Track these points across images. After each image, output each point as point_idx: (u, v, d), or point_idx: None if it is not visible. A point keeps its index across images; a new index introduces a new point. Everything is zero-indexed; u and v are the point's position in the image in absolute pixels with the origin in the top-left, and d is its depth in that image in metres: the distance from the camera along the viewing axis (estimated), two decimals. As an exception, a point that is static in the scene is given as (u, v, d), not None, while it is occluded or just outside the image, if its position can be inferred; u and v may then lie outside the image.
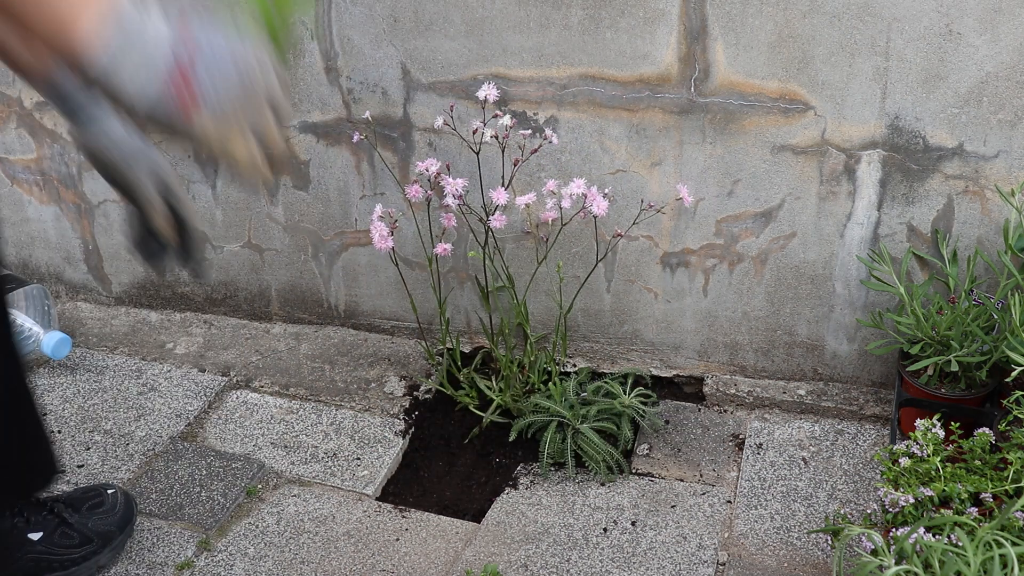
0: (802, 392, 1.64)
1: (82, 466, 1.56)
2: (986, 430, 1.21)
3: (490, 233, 1.56)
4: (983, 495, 1.12)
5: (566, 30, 1.51)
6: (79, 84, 0.77)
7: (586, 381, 1.63)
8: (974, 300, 1.44)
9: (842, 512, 1.31)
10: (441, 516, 1.44)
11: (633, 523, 1.40)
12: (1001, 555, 0.91)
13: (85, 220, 1.97)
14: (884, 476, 1.20)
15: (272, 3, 0.81)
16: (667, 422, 1.62)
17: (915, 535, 1.01)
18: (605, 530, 1.38)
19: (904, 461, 1.19)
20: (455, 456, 1.58)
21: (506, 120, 1.47)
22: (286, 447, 1.59)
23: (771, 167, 1.52)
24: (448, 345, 1.73)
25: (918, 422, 1.23)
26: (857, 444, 1.54)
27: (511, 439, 1.56)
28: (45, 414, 1.68)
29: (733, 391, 1.66)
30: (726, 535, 1.38)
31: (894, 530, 1.10)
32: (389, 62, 1.62)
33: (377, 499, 1.49)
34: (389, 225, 1.49)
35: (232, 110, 0.77)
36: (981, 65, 1.38)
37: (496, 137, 1.48)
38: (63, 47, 0.71)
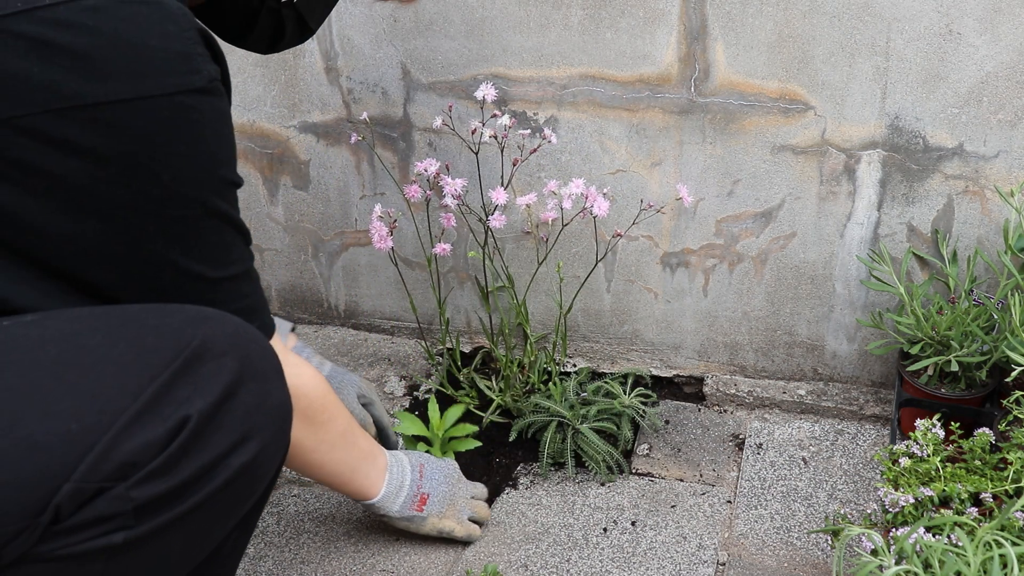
0: (802, 392, 1.64)
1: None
2: (986, 430, 1.21)
3: (490, 233, 1.56)
4: (983, 495, 1.12)
5: (566, 30, 1.51)
6: None
7: (586, 381, 1.63)
8: (974, 300, 1.44)
9: (842, 512, 1.31)
10: (441, 516, 1.44)
11: (633, 523, 1.40)
12: (1001, 555, 0.91)
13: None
14: (884, 476, 1.20)
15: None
16: (667, 422, 1.62)
17: (915, 535, 1.01)
18: (605, 530, 1.39)
19: (904, 461, 1.19)
20: (455, 456, 1.58)
21: (505, 120, 1.47)
22: (286, 447, 1.59)
23: (771, 167, 1.52)
24: (448, 345, 1.73)
25: (918, 422, 1.23)
26: (857, 444, 1.54)
27: (511, 439, 1.56)
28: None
29: (733, 391, 1.66)
30: (726, 535, 1.38)
31: (894, 530, 1.10)
32: (389, 62, 1.62)
33: (377, 499, 1.49)
34: (388, 225, 1.49)
35: (446, 507, 1.33)
36: (981, 65, 1.38)
37: (495, 137, 1.48)
38: (357, 499, 1.26)
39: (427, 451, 1.49)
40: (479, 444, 1.50)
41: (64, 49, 0.79)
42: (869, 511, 1.22)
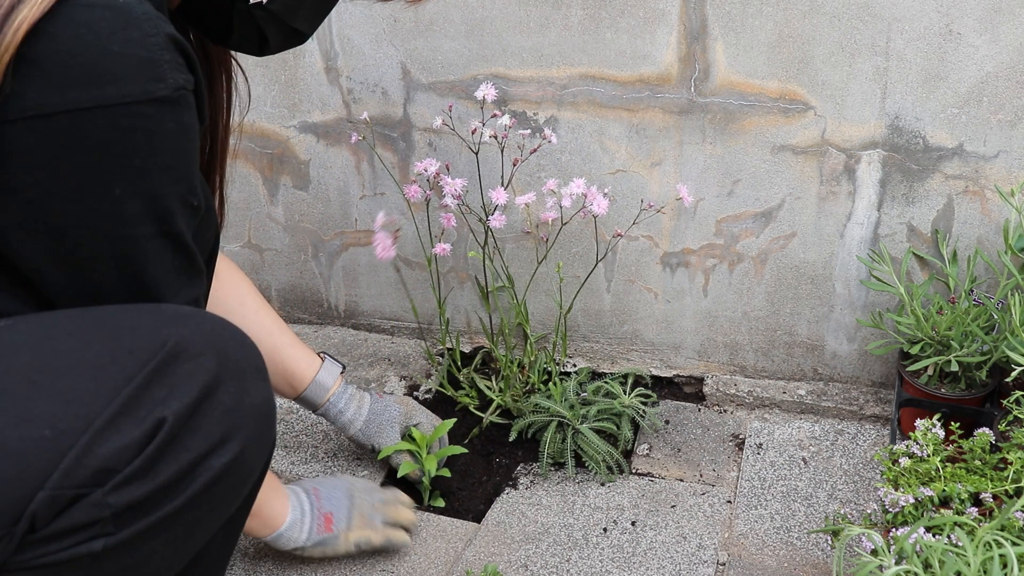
0: (802, 392, 1.64)
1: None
2: (986, 430, 1.21)
3: (490, 233, 1.56)
4: (983, 495, 1.12)
5: (566, 30, 1.51)
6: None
7: (586, 381, 1.63)
8: (974, 300, 1.44)
9: (842, 512, 1.31)
10: (441, 516, 1.44)
11: (633, 523, 1.40)
12: (1001, 555, 0.91)
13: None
14: (884, 476, 1.20)
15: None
16: (667, 422, 1.62)
17: (915, 535, 1.01)
18: (605, 530, 1.38)
19: (904, 461, 1.19)
20: (455, 456, 1.58)
21: (505, 120, 1.47)
22: (286, 447, 1.59)
23: (771, 167, 1.52)
24: (448, 345, 1.73)
25: (918, 422, 1.23)
26: (857, 444, 1.54)
27: (511, 439, 1.56)
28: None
29: (733, 391, 1.66)
30: (726, 535, 1.38)
31: (894, 530, 1.10)
32: (389, 62, 1.62)
33: (377, 499, 1.49)
34: (392, 234, 1.47)
35: (354, 519, 1.30)
36: (981, 65, 1.38)
37: (495, 137, 1.48)
38: (262, 533, 1.23)
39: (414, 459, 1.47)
40: (464, 451, 1.50)
41: (21, 56, 0.75)
42: (869, 511, 1.22)
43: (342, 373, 1.45)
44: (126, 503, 0.78)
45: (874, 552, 1.01)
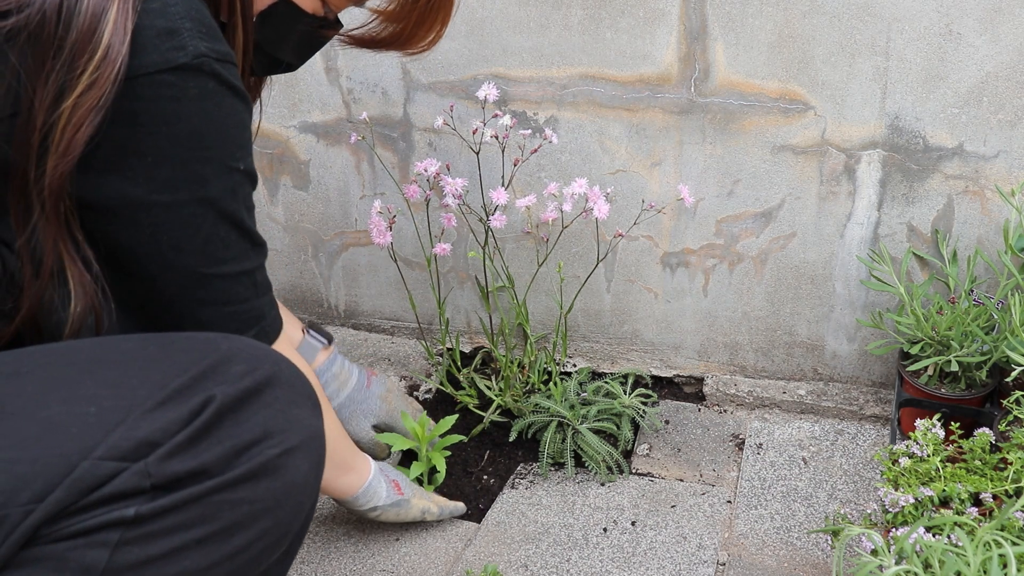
0: (802, 392, 1.64)
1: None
2: (986, 430, 1.21)
3: (490, 233, 1.56)
4: (983, 495, 1.12)
5: (566, 30, 1.51)
6: None
7: (586, 381, 1.63)
8: (974, 300, 1.44)
9: (842, 512, 1.31)
10: (441, 516, 1.44)
11: (633, 523, 1.40)
12: (1001, 555, 0.91)
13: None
14: (884, 476, 1.20)
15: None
16: (667, 422, 1.62)
17: (915, 535, 1.01)
18: (605, 530, 1.39)
19: (904, 461, 1.19)
20: (455, 456, 1.58)
21: (506, 120, 1.47)
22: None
23: (771, 167, 1.52)
24: (448, 345, 1.73)
25: (918, 422, 1.23)
26: (857, 444, 1.54)
27: (511, 439, 1.56)
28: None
29: (733, 391, 1.66)
30: (726, 535, 1.38)
31: (894, 530, 1.10)
32: (389, 62, 1.62)
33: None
34: (388, 221, 1.49)
35: (415, 489, 1.36)
36: (981, 65, 1.38)
37: (496, 137, 1.48)
38: (349, 490, 1.26)
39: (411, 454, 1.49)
40: (462, 438, 1.53)
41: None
42: (869, 511, 1.22)
43: (326, 348, 1.39)
44: (168, 476, 0.77)
45: (874, 552, 1.01)
